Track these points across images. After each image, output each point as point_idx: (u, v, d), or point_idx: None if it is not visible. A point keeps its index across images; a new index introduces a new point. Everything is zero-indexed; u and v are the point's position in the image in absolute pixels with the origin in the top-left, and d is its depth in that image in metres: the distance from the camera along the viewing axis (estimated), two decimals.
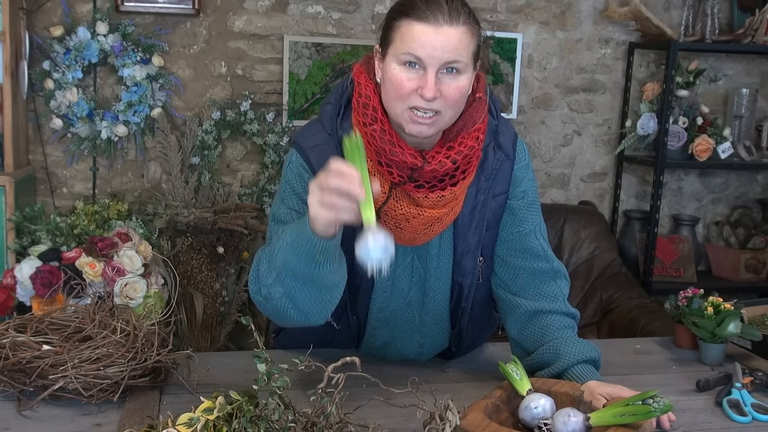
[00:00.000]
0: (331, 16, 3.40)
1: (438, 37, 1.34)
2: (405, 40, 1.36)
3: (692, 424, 1.42)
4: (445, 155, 1.42)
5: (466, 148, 1.43)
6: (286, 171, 1.52)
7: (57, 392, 1.35)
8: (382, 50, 1.43)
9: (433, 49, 1.34)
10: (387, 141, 1.41)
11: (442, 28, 1.34)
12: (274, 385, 1.18)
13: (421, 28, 1.34)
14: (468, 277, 1.58)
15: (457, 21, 1.35)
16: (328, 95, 1.55)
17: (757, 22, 3.50)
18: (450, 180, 1.44)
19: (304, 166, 1.49)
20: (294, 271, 1.32)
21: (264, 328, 3.16)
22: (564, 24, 3.65)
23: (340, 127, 1.48)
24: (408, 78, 1.36)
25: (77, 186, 3.30)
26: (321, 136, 1.50)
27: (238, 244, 3.23)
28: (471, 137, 1.44)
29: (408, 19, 1.36)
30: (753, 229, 3.81)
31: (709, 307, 1.73)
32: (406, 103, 1.38)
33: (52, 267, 2.52)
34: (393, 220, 1.46)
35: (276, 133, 3.30)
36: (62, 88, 3.11)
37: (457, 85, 1.38)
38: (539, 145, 3.71)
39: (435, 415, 1.22)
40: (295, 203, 1.49)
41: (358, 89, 1.46)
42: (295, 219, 1.45)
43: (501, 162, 1.55)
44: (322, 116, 1.53)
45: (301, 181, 1.48)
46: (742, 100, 3.70)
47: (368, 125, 1.42)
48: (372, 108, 1.43)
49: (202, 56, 3.32)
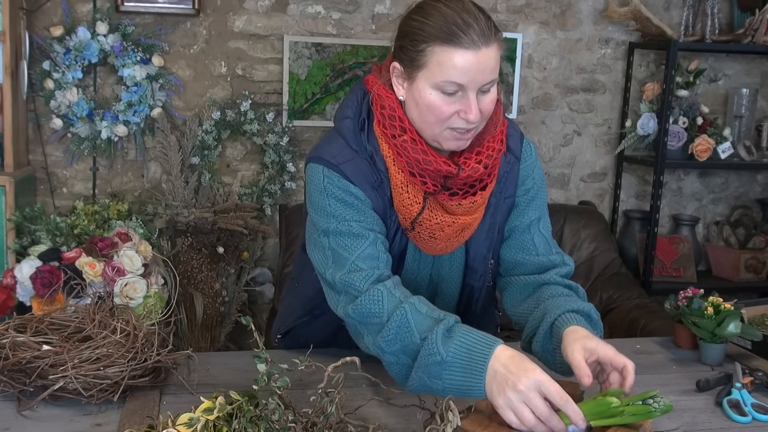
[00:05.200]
0: (331, 16, 3.40)
1: (479, 60, 1.32)
2: (445, 67, 1.32)
3: (692, 424, 1.42)
4: (476, 160, 1.42)
5: (494, 151, 1.44)
6: (324, 188, 1.43)
7: (57, 392, 1.35)
8: (408, 72, 1.38)
9: (475, 74, 1.32)
10: (420, 151, 1.39)
11: (481, 51, 1.32)
12: (274, 385, 1.18)
13: (462, 55, 1.31)
14: (479, 279, 1.59)
15: (490, 39, 1.33)
16: (343, 109, 1.50)
17: (757, 22, 3.50)
18: (480, 185, 1.45)
19: (339, 177, 1.43)
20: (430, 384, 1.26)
21: (264, 328, 3.16)
22: (564, 24, 3.65)
23: (368, 142, 1.45)
24: (447, 103, 1.35)
25: (77, 186, 3.30)
26: (348, 152, 1.44)
27: (238, 244, 3.23)
28: (496, 140, 1.45)
29: (444, 45, 1.32)
30: (753, 229, 3.81)
31: (709, 307, 1.73)
32: (445, 125, 1.37)
33: (52, 267, 2.52)
34: (428, 230, 1.46)
35: (276, 133, 3.30)
36: (62, 88, 3.11)
37: (491, 98, 1.38)
38: (539, 145, 3.71)
39: (435, 415, 1.21)
40: (349, 213, 1.42)
41: (380, 101, 1.43)
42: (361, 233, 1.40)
43: (511, 165, 1.55)
44: (343, 132, 1.46)
45: (342, 191, 1.42)
46: (742, 100, 3.70)
47: (398, 137, 1.41)
48: (399, 119, 1.41)
49: (202, 56, 3.32)
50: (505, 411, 1.19)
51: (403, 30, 1.39)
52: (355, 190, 1.43)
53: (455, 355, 1.24)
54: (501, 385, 1.19)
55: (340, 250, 1.40)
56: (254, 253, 3.32)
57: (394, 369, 1.31)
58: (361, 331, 1.36)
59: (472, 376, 1.22)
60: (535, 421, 1.18)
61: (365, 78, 1.51)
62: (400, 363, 1.30)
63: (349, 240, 1.40)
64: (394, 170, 1.44)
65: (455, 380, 1.24)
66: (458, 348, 1.24)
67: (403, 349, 1.29)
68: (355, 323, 1.37)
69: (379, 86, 1.44)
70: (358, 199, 1.43)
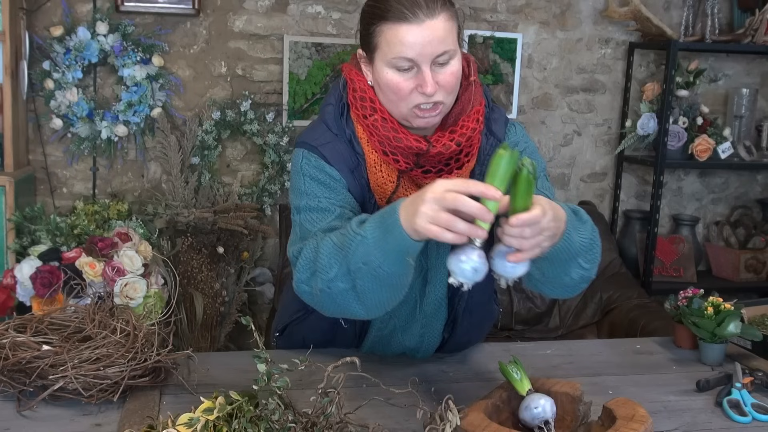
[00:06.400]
0: (331, 16, 3.40)
1: (423, 33, 1.34)
2: (392, 44, 1.36)
3: (692, 424, 1.42)
4: (448, 138, 1.44)
5: (468, 130, 1.45)
6: (301, 168, 1.49)
7: (57, 392, 1.35)
8: (368, 55, 1.43)
9: (423, 47, 1.35)
10: (390, 128, 1.43)
11: (425, 23, 1.34)
12: (274, 385, 1.18)
13: (405, 29, 1.34)
14: None
15: (435, 11, 1.35)
16: (327, 97, 1.56)
17: (757, 22, 3.50)
18: (455, 163, 1.46)
19: (318, 159, 1.48)
20: (376, 269, 1.26)
21: (264, 328, 3.16)
22: (564, 24, 3.65)
23: (347, 126, 1.50)
24: (404, 80, 1.38)
25: (77, 186, 3.30)
26: (328, 135, 1.50)
27: (238, 244, 3.23)
28: (471, 119, 1.47)
29: (388, 22, 1.36)
30: (753, 229, 3.81)
31: (709, 307, 1.73)
32: (408, 102, 1.40)
33: (52, 267, 2.52)
34: None
35: (276, 133, 3.30)
36: (62, 88, 3.11)
37: (451, 71, 1.39)
38: (539, 145, 3.71)
39: (435, 415, 1.22)
40: (320, 190, 1.46)
41: (352, 85, 1.48)
42: (329, 208, 1.43)
43: (493, 147, 1.56)
44: (325, 118, 1.53)
45: (319, 171, 1.47)
46: (742, 100, 3.70)
47: (368, 116, 1.45)
48: (369, 99, 1.45)
49: (202, 56, 3.32)
50: (429, 227, 1.17)
51: (361, 17, 1.44)
52: (330, 170, 1.47)
53: (371, 228, 1.26)
54: (416, 214, 1.18)
55: (306, 224, 1.44)
56: (254, 253, 3.32)
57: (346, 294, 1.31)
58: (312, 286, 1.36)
59: (393, 233, 1.23)
60: (460, 222, 1.16)
61: (342, 66, 1.56)
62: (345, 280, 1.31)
63: (316, 214, 1.44)
64: (368, 150, 1.48)
65: (383, 246, 1.24)
66: (371, 222, 1.27)
67: (340, 267, 1.30)
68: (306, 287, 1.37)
69: (350, 70, 1.49)
70: (332, 178, 1.47)
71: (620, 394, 1.48)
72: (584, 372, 1.64)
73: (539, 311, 3.42)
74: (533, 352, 1.75)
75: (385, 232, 1.25)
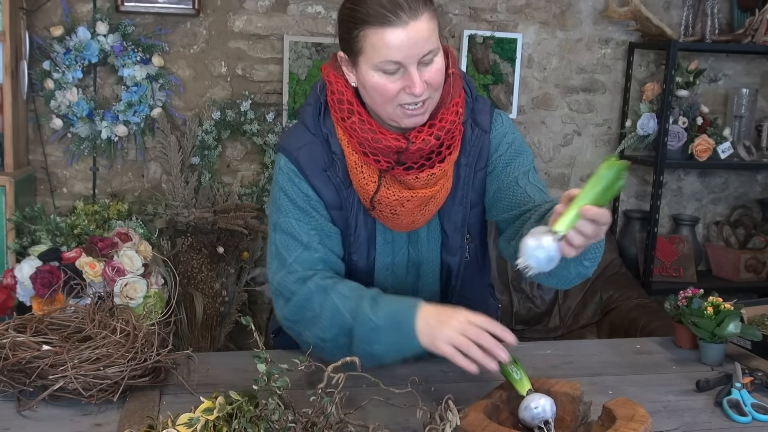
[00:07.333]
0: (331, 16, 3.40)
1: (409, 35, 1.34)
2: (378, 48, 1.35)
3: (692, 424, 1.42)
4: (427, 133, 1.43)
5: (447, 123, 1.45)
6: (277, 176, 1.54)
7: (57, 392, 1.35)
8: (351, 58, 1.42)
9: (409, 49, 1.34)
10: (368, 130, 1.43)
11: (409, 25, 1.33)
12: (274, 385, 1.18)
13: (390, 32, 1.33)
14: (456, 255, 1.60)
15: (418, 11, 1.34)
16: (308, 97, 1.57)
17: (757, 22, 3.50)
18: (437, 157, 1.46)
19: (293, 170, 1.52)
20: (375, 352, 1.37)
21: (264, 328, 3.16)
22: (564, 24, 3.65)
23: (324, 125, 1.51)
24: (391, 82, 1.38)
25: (77, 186, 3.30)
26: (306, 137, 1.53)
27: (238, 244, 3.23)
28: (450, 112, 1.46)
29: (372, 27, 1.34)
30: (753, 229, 3.81)
31: (709, 307, 1.73)
32: (395, 102, 1.40)
33: (52, 267, 2.52)
34: (388, 207, 1.49)
35: (276, 133, 3.30)
36: (62, 88, 3.11)
37: (436, 68, 1.40)
38: (539, 145, 3.71)
39: (435, 415, 1.22)
40: (295, 213, 1.51)
41: (330, 87, 1.49)
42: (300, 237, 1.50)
43: (478, 137, 1.56)
44: (304, 118, 1.55)
45: (294, 187, 1.51)
46: (742, 100, 3.70)
47: (346, 119, 1.45)
48: (347, 102, 1.45)
49: (202, 56, 3.32)
50: (446, 349, 1.29)
51: (340, 19, 1.43)
52: (306, 188, 1.51)
53: (385, 318, 1.36)
54: (437, 330, 1.31)
55: (282, 250, 1.50)
56: (254, 253, 3.32)
57: (338, 353, 1.36)
58: (300, 330, 1.48)
59: (406, 334, 1.35)
60: (478, 351, 1.27)
61: (321, 66, 1.56)
62: (340, 345, 1.41)
63: (290, 240, 1.50)
64: (348, 152, 1.49)
65: (391, 340, 1.36)
66: (386, 312, 1.37)
67: (340, 332, 1.41)
68: (291, 324, 1.49)
69: (329, 72, 1.50)
70: (306, 198, 1.51)
71: (620, 394, 1.48)
72: (584, 372, 1.64)
73: (539, 311, 3.42)
74: (533, 352, 1.75)
75: (397, 329, 1.34)
